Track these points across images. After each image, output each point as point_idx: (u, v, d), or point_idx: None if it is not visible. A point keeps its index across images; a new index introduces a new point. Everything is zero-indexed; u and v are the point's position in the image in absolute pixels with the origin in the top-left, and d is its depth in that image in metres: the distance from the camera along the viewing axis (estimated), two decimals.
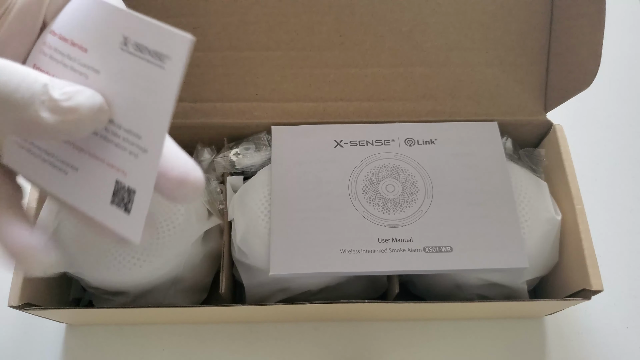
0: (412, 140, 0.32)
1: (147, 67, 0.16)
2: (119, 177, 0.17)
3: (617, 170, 0.41)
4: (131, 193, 0.17)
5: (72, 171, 0.18)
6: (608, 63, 0.33)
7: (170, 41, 0.16)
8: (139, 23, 0.16)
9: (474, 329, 0.34)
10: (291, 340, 0.34)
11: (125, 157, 0.17)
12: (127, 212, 0.17)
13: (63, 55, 0.17)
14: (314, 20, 0.33)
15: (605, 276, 0.29)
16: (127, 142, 0.17)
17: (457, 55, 0.34)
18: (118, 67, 0.17)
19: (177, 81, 0.16)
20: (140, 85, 0.16)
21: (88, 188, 0.18)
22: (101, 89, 0.17)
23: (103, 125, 0.17)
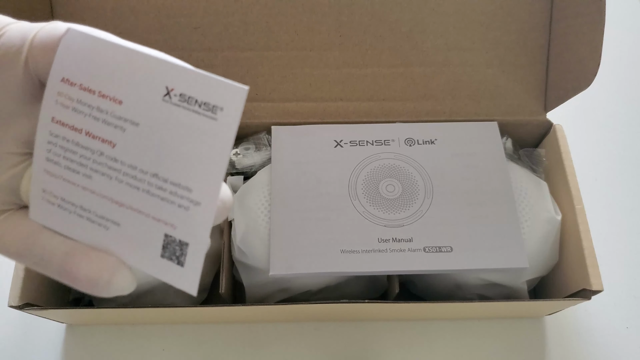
0: (412, 140, 0.32)
1: (197, 119, 0.15)
2: (168, 231, 0.16)
3: (617, 170, 0.41)
4: (183, 246, 0.16)
5: (114, 226, 0.17)
6: (608, 63, 0.33)
7: (222, 92, 0.15)
8: (184, 73, 0.16)
9: (474, 329, 0.34)
10: (291, 340, 0.34)
11: (173, 210, 0.16)
12: (181, 265, 0.16)
13: (91, 107, 0.16)
14: (314, 20, 0.33)
15: (605, 276, 0.29)
16: (176, 195, 0.16)
17: (456, 55, 0.34)
18: (161, 119, 0.16)
19: (232, 133, 0.15)
20: (189, 138, 0.16)
21: (134, 243, 0.17)
22: (142, 142, 0.16)
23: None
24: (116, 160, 0.16)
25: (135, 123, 0.16)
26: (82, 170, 0.17)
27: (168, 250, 0.16)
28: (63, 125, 0.17)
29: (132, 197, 0.16)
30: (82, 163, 0.17)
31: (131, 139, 0.16)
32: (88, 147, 0.16)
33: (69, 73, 0.16)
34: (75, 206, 0.17)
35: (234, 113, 0.15)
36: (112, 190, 0.17)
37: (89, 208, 0.17)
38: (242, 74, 0.34)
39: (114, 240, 0.17)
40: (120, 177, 0.16)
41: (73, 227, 0.17)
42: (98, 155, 0.16)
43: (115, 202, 0.17)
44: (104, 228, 0.17)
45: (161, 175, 0.16)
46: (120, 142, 0.16)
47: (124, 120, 0.16)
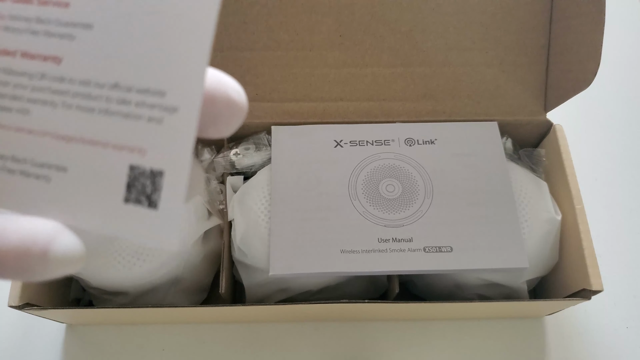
0: (412, 140, 0.32)
1: (166, 3, 0.12)
2: (134, 160, 0.12)
3: (617, 170, 0.41)
4: (156, 177, 0.12)
5: (58, 174, 0.13)
6: (608, 63, 0.33)
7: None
8: None
9: (474, 329, 0.34)
10: (291, 340, 0.34)
11: (141, 128, 0.12)
12: (153, 206, 0.12)
13: (28, 20, 0.13)
14: (314, 20, 0.33)
15: (605, 276, 0.29)
16: (144, 106, 0.12)
17: (456, 55, 0.34)
18: (121, 12, 0.13)
19: (214, 10, 0.12)
20: (159, 25, 0.12)
21: (85, 191, 0.13)
22: (96, 47, 0.13)
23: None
24: (63, 79, 0.13)
25: (87, 25, 0.13)
26: (16, 104, 0.13)
27: (134, 189, 0.12)
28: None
29: (85, 124, 0.13)
30: (15, 95, 0.13)
31: (82, 47, 0.13)
32: (24, 72, 0.13)
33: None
34: (5, 159, 0.13)
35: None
36: (57, 122, 0.13)
37: (24, 156, 0.13)
38: (242, 73, 0.34)
39: (57, 195, 0.13)
40: (69, 100, 0.13)
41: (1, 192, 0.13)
42: (38, 80, 0.13)
43: (61, 137, 0.13)
44: (45, 181, 0.13)
45: (123, 83, 0.13)
46: (68, 54, 0.13)
47: (73, 26, 0.13)
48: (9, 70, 0.13)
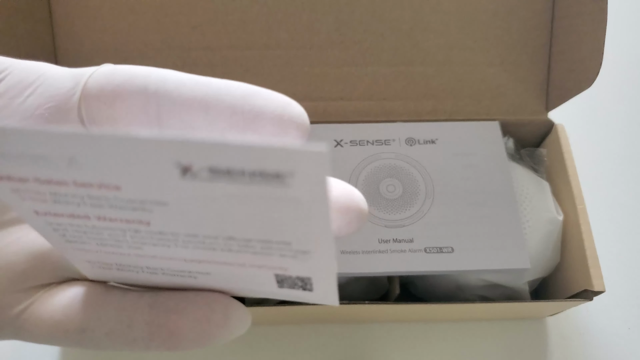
0: (412, 140, 0.32)
1: (255, 188, 0.10)
2: (279, 272, 0.12)
3: (620, 170, 0.40)
4: (305, 280, 0.12)
5: (202, 275, 0.12)
6: (610, 62, 0.32)
7: (285, 160, 0.09)
8: (200, 145, 0.09)
9: (475, 330, 0.34)
10: (290, 342, 0.34)
11: (275, 259, 0.12)
12: (309, 290, 0.13)
13: (76, 196, 0.11)
14: (313, 19, 0.33)
15: (607, 277, 0.28)
16: (271, 250, 0.11)
17: (457, 54, 0.33)
18: (195, 195, 0.10)
19: (323, 192, 0.10)
20: (253, 206, 0.10)
21: (235, 284, 0.13)
22: (188, 214, 0.11)
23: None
24: (163, 233, 0.11)
25: (160, 203, 0.10)
26: (124, 244, 0.12)
27: (286, 283, 0.12)
28: (56, 215, 0.11)
29: (212, 255, 0.12)
30: (117, 239, 0.12)
31: (168, 215, 0.11)
32: (112, 228, 0.11)
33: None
34: (140, 269, 0.12)
35: (314, 178, 0.09)
36: (178, 254, 0.12)
37: (160, 267, 0.12)
38: (241, 73, 0.33)
39: (207, 284, 0.12)
40: (182, 243, 0.12)
41: (148, 279, 0.13)
42: (135, 232, 0.11)
43: (190, 260, 0.12)
44: (191, 278, 0.12)
45: (239, 236, 0.11)
46: (155, 220, 0.11)
47: (140, 202, 0.11)
48: (92, 227, 0.11)
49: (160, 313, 0.12)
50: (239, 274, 0.12)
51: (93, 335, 0.12)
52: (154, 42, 0.33)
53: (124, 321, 0.12)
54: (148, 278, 0.13)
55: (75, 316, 0.12)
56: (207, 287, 0.13)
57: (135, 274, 0.13)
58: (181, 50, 0.33)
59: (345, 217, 0.13)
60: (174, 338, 0.12)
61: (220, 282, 0.13)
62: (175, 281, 0.13)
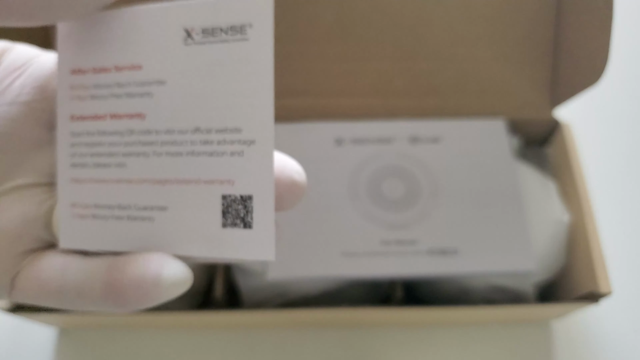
0: (415, 138, 0.32)
1: (226, 48, 0.14)
2: (225, 190, 0.14)
3: (627, 169, 0.40)
4: (247, 201, 0.14)
5: (160, 214, 0.15)
6: (617, 58, 0.32)
7: (245, 8, 0.14)
8: (198, 8, 0.14)
9: (480, 334, 0.34)
10: (290, 347, 0.33)
11: (226, 162, 0.14)
12: (248, 226, 0.14)
13: (110, 86, 0.15)
14: (314, 13, 0.32)
15: (614, 279, 0.28)
16: (225, 143, 0.14)
17: (462, 50, 0.33)
18: (188, 66, 0.14)
19: (269, 47, 0.13)
20: (224, 72, 0.14)
21: (186, 225, 0.14)
22: (173, 99, 0.14)
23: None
24: (149, 131, 0.15)
25: (161, 82, 0.14)
26: (114, 160, 0.15)
27: (230, 214, 0.14)
28: (83, 119, 0.15)
29: (176, 166, 0.14)
30: (112, 152, 0.15)
31: (161, 101, 0.14)
32: (116, 131, 0.15)
33: (77, 61, 0.15)
34: (112, 207, 0.15)
35: (265, 25, 0.13)
36: (151, 169, 0.15)
37: (128, 203, 0.15)
38: None
39: (162, 231, 0.15)
40: (158, 149, 0.14)
41: (113, 237, 0.15)
42: (129, 135, 0.15)
43: (157, 182, 0.15)
44: (149, 221, 0.15)
45: (203, 126, 0.14)
46: (150, 109, 0.14)
47: (149, 84, 0.14)
48: (102, 132, 0.15)
49: (112, 273, 0.14)
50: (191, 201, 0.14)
51: (68, 295, 0.14)
52: None
53: (88, 282, 0.14)
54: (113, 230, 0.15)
55: (54, 278, 0.15)
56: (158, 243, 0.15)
57: (104, 222, 0.15)
58: None
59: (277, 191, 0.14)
60: (120, 297, 0.14)
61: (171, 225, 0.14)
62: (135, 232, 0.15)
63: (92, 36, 0.15)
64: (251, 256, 0.14)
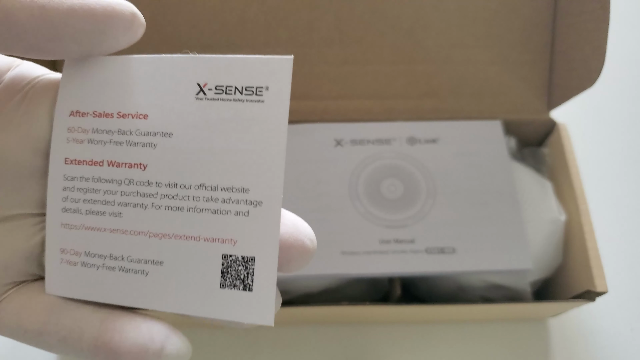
0: (413, 139, 0.32)
1: (240, 107, 0.14)
2: (226, 250, 0.13)
3: (623, 169, 0.40)
4: (248, 262, 0.13)
5: (155, 268, 0.14)
6: (613, 61, 0.32)
7: (263, 70, 0.13)
8: (214, 62, 0.14)
9: (477, 332, 0.34)
10: (290, 344, 0.33)
11: (229, 222, 0.13)
12: (248, 289, 0.13)
13: (110, 132, 0.14)
14: (313, 17, 0.32)
15: (610, 277, 0.28)
16: (231, 202, 0.13)
17: (459, 52, 0.33)
18: (198, 121, 0.14)
19: (285, 111, 0.13)
20: (236, 130, 0.13)
21: (182, 282, 0.14)
22: (179, 153, 0.14)
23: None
24: (150, 183, 0.14)
25: (167, 134, 0.14)
26: (109, 209, 0.14)
27: (229, 275, 0.13)
28: (79, 163, 0.14)
29: (176, 221, 0.14)
30: (107, 200, 0.14)
31: (165, 153, 0.14)
32: (113, 179, 0.14)
33: (78, 103, 0.14)
34: (104, 257, 0.14)
35: (282, 88, 0.13)
36: (148, 221, 0.14)
37: (121, 254, 0.14)
38: None
39: (156, 287, 0.14)
40: (158, 201, 0.14)
41: (102, 288, 0.14)
42: (127, 185, 0.14)
43: (154, 235, 0.14)
44: (142, 275, 0.14)
45: (209, 183, 0.14)
46: (153, 160, 0.14)
47: (153, 135, 0.14)
48: (98, 179, 0.14)
49: (107, 331, 0.13)
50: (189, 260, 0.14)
51: (49, 339, 0.13)
52: (153, 40, 0.32)
53: (76, 331, 0.13)
54: (104, 281, 0.14)
55: (36, 318, 0.14)
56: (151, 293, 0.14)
57: (95, 271, 0.14)
58: (180, 48, 0.33)
59: (286, 254, 0.14)
60: (113, 357, 0.13)
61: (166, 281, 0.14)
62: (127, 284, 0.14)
63: (97, 79, 0.14)
64: (249, 320, 0.13)
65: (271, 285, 0.13)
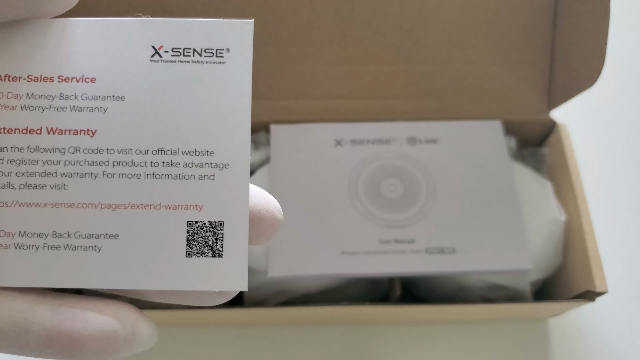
0: (414, 139, 0.32)
1: (199, 68, 0.13)
2: (191, 217, 0.13)
3: (622, 169, 0.40)
4: (217, 228, 0.13)
5: (109, 242, 0.13)
6: (613, 61, 0.32)
7: (224, 32, 0.13)
8: (171, 26, 0.13)
9: (477, 332, 0.34)
10: (290, 344, 0.33)
11: (193, 187, 0.13)
12: (218, 255, 0.13)
13: (50, 97, 0.13)
14: (313, 16, 0.32)
15: (610, 277, 0.28)
16: (193, 166, 0.13)
17: (459, 52, 0.33)
18: (154, 83, 0.13)
19: (248, 73, 0.13)
20: (195, 93, 0.13)
21: (142, 255, 0.13)
22: (133, 117, 0.13)
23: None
24: (100, 150, 0.13)
25: (118, 97, 0.13)
26: (50, 181, 0.13)
27: (196, 243, 0.13)
28: (9, 132, 0.13)
29: (131, 190, 0.13)
30: (48, 172, 0.13)
31: (117, 118, 0.13)
32: (54, 148, 0.13)
33: (6, 67, 0.13)
34: (44, 236, 0.13)
35: (244, 50, 0.13)
36: (99, 192, 0.13)
37: (67, 230, 0.13)
38: None
39: (111, 263, 0.13)
40: (110, 170, 0.13)
41: (46, 271, 0.12)
42: (71, 154, 0.13)
43: (106, 206, 0.13)
44: (94, 251, 0.13)
45: (168, 147, 0.13)
46: (103, 126, 0.13)
47: (102, 99, 0.13)
48: (35, 148, 0.13)
49: (65, 319, 0.12)
50: (149, 230, 0.13)
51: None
52: None
53: (19, 323, 0.11)
54: (45, 263, 0.13)
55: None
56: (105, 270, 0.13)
57: (33, 254, 0.12)
58: None
59: (258, 226, 0.13)
60: (75, 347, 0.11)
61: (124, 255, 0.13)
62: (75, 264, 0.13)
63: (31, 42, 0.13)
64: (220, 287, 0.13)
65: (243, 249, 0.13)
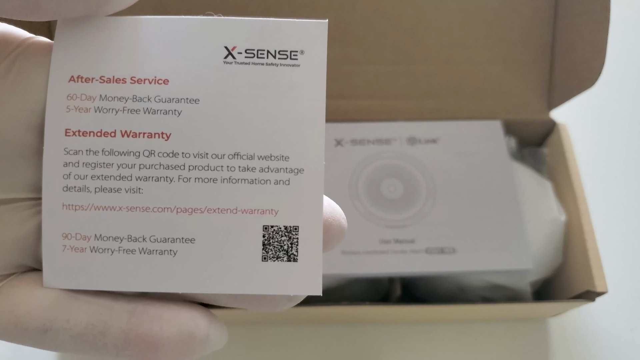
0: (414, 139, 0.32)
1: (273, 71, 0.13)
2: (267, 221, 0.13)
3: (622, 169, 0.40)
4: (292, 232, 0.13)
5: (185, 246, 0.13)
6: (613, 61, 0.32)
7: (298, 33, 0.13)
8: (244, 25, 0.13)
9: (477, 332, 0.34)
10: (290, 343, 0.33)
11: (269, 192, 0.13)
12: (293, 259, 0.13)
13: (123, 99, 0.13)
14: (313, 15, 0.32)
15: (610, 277, 0.28)
16: (269, 171, 0.13)
17: (460, 52, 0.33)
18: (228, 86, 0.13)
19: (322, 76, 0.13)
20: (269, 96, 0.13)
21: (218, 260, 0.13)
22: (208, 120, 0.13)
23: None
24: (175, 154, 0.13)
25: (192, 100, 0.13)
26: (125, 184, 0.13)
27: (271, 247, 0.13)
28: (84, 135, 0.13)
29: (208, 194, 0.13)
30: (123, 175, 0.13)
31: (192, 121, 0.13)
32: (129, 151, 0.13)
33: (79, 67, 0.13)
34: (120, 239, 0.13)
35: (319, 52, 0.13)
36: (175, 196, 0.13)
37: (143, 234, 0.13)
38: None
39: (187, 267, 0.13)
40: (185, 174, 0.13)
41: (121, 275, 0.13)
42: (146, 157, 0.13)
43: (182, 210, 0.13)
44: (169, 255, 0.13)
45: (244, 152, 0.13)
46: (177, 129, 0.13)
47: (176, 102, 0.13)
48: (110, 152, 0.13)
49: (142, 322, 0.12)
50: (226, 235, 0.13)
51: (56, 336, 0.12)
52: None
53: (97, 326, 0.12)
54: (120, 267, 0.13)
55: (40, 314, 0.12)
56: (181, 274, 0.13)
57: (108, 257, 0.12)
58: None
59: (325, 235, 0.13)
60: (152, 349, 0.12)
61: (200, 259, 0.13)
62: (150, 268, 0.13)
63: (102, 41, 0.13)
64: (295, 291, 0.13)
65: (317, 253, 0.13)
